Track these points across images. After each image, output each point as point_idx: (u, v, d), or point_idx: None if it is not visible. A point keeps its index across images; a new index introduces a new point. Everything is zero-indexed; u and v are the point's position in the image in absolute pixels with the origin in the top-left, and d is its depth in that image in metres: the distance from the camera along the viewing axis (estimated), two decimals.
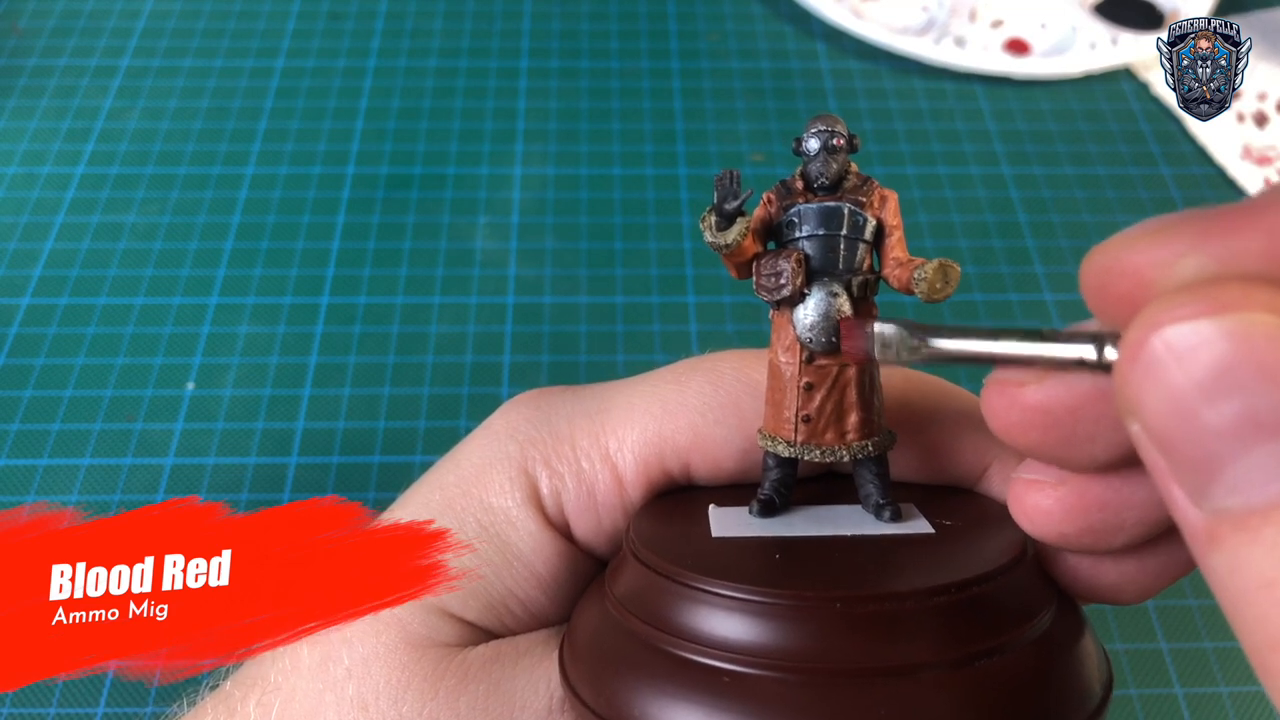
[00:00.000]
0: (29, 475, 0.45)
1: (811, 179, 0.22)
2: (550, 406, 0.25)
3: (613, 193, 0.57)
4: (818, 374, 0.22)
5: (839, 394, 0.22)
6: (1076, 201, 0.58)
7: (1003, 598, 0.20)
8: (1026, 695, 0.19)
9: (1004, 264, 0.54)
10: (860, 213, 0.22)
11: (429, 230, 0.55)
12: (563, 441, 0.24)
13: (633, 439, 0.24)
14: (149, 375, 0.48)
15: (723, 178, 0.21)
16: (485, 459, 0.25)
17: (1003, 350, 0.18)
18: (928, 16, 0.68)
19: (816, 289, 0.22)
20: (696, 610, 0.20)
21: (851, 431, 0.22)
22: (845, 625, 0.19)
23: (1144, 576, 0.21)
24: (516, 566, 0.24)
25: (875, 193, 0.23)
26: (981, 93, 0.64)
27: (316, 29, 0.67)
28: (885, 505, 0.22)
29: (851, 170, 0.23)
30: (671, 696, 0.19)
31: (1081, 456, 0.18)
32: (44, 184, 0.57)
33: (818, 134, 0.22)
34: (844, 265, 0.22)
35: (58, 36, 0.65)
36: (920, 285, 0.22)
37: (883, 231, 0.23)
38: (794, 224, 0.22)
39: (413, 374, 0.49)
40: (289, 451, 0.46)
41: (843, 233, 0.22)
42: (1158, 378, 0.13)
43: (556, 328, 0.51)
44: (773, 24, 0.68)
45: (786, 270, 0.22)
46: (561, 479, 0.24)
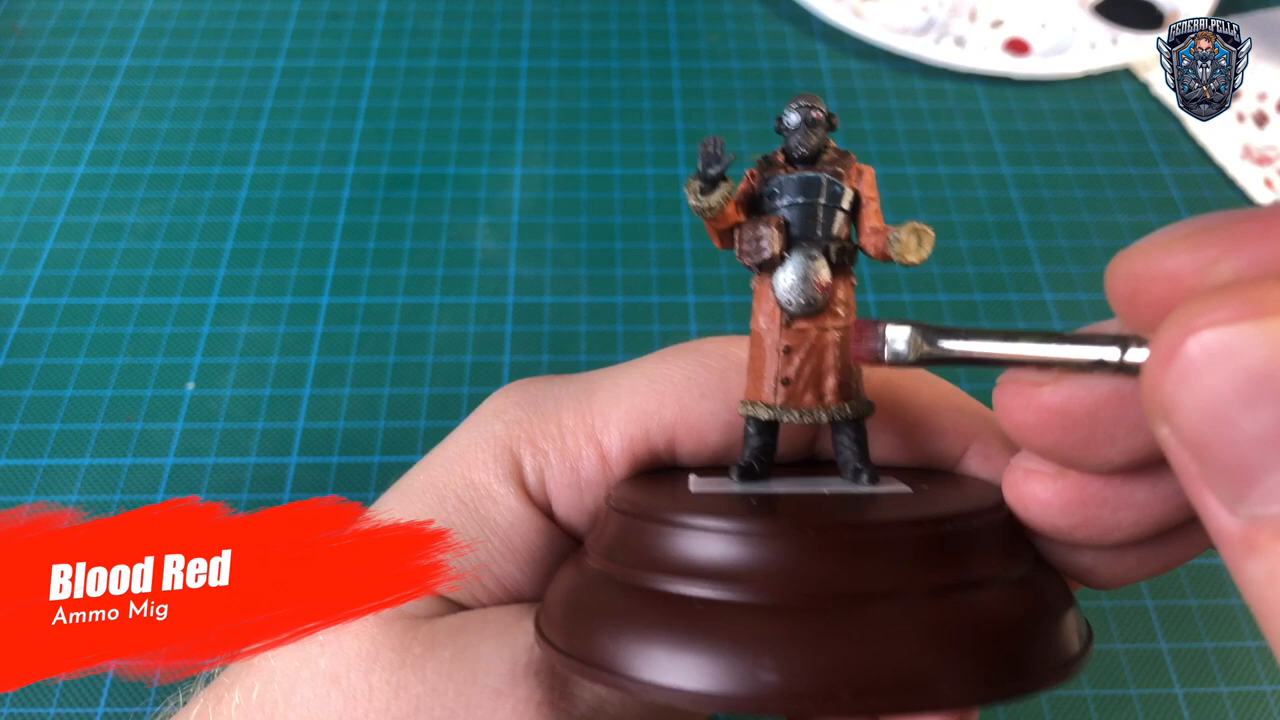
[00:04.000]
0: (29, 475, 0.45)
1: (791, 151, 0.23)
2: (538, 390, 0.26)
3: (613, 193, 0.57)
4: (796, 337, 0.23)
5: (817, 357, 0.23)
6: (1076, 201, 0.58)
7: (978, 539, 0.20)
8: (998, 633, 0.19)
9: (1004, 264, 0.54)
10: (838, 183, 0.23)
11: (429, 230, 0.55)
12: (548, 420, 0.25)
13: (618, 415, 0.24)
14: (149, 375, 0.48)
15: (706, 143, 0.22)
16: (471, 439, 0.25)
17: (1019, 352, 0.18)
18: (928, 16, 0.68)
19: (795, 254, 0.23)
20: (670, 542, 0.20)
21: (829, 394, 0.23)
22: (818, 550, 0.19)
23: (1119, 568, 0.21)
24: (492, 540, 0.24)
25: (853, 166, 0.23)
26: (981, 92, 0.64)
27: (316, 29, 0.67)
28: (862, 469, 0.23)
29: (830, 146, 0.24)
30: (644, 627, 0.19)
31: (1096, 459, 0.18)
32: (44, 184, 0.57)
33: (798, 109, 0.23)
34: (822, 232, 0.23)
35: (58, 36, 0.65)
36: (895, 247, 0.22)
37: (860, 202, 0.23)
38: (775, 194, 0.23)
39: (413, 374, 0.49)
40: (289, 451, 0.46)
41: (821, 201, 0.23)
42: (1193, 382, 0.13)
43: (556, 327, 0.51)
44: (773, 24, 0.68)
45: (767, 235, 0.22)
46: (545, 456, 0.24)
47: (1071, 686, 0.40)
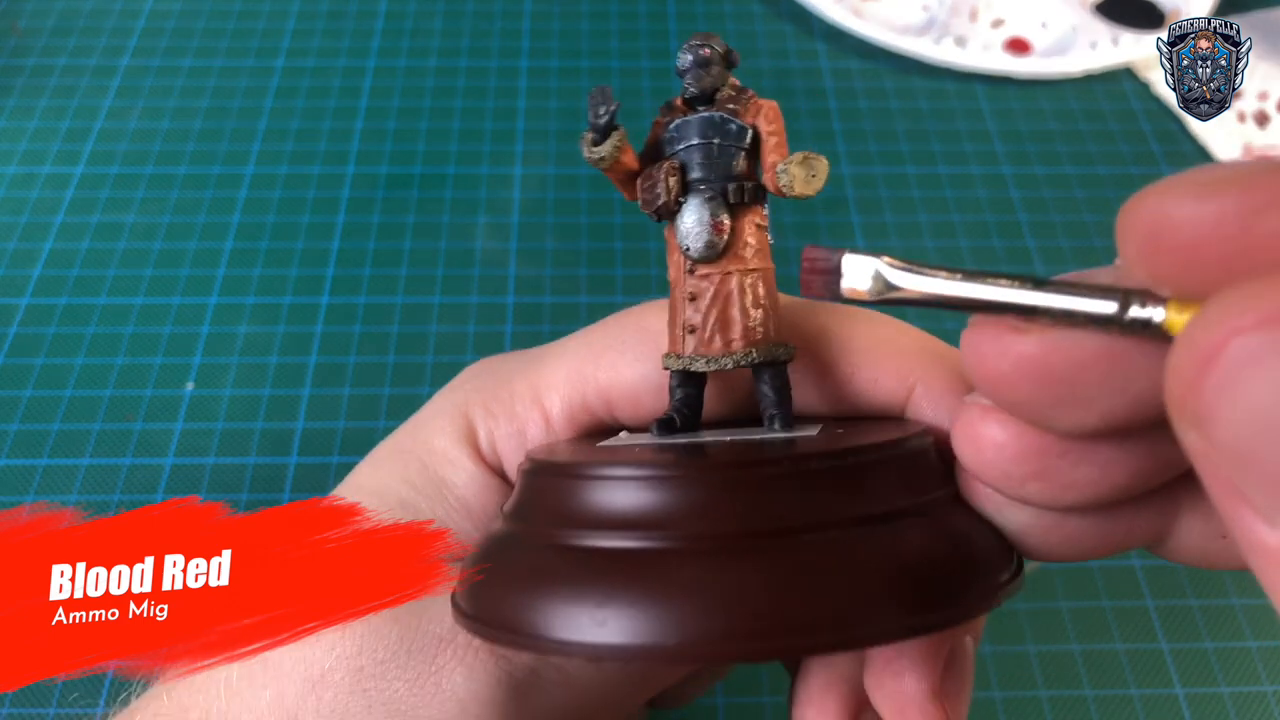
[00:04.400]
0: (29, 475, 0.45)
1: (684, 93, 0.23)
2: (498, 362, 0.27)
3: (613, 192, 0.57)
4: (699, 284, 0.22)
5: (721, 302, 0.22)
6: (1077, 201, 0.58)
7: (889, 470, 0.19)
8: (918, 562, 0.18)
9: (1004, 263, 0.54)
10: (734, 120, 0.23)
11: (429, 230, 0.55)
12: (502, 387, 0.26)
13: (559, 379, 0.25)
14: (149, 375, 0.48)
15: (594, 93, 0.22)
16: (435, 409, 0.26)
17: (1001, 298, 0.16)
18: (928, 16, 0.68)
19: (693, 197, 0.22)
20: (576, 496, 0.19)
21: (737, 339, 0.22)
22: (725, 490, 0.18)
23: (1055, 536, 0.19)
24: (449, 499, 0.25)
25: (751, 102, 0.23)
26: (982, 92, 0.64)
27: (316, 29, 0.67)
28: (776, 415, 0.22)
29: (730, 84, 0.23)
30: (554, 584, 0.18)
31: (1070, 421, 0.16)
32: (44, 184, 0.57)
33: (690, 49, 0.23)
34: (719, 173, 0.22)
35: (57, 36, 0.65)
36: (783, 179, 0.22)
37: (759, 139, 0.23)
38: (674, 139, 0.23)
39: (413, 374, 0.49)
40: (289, 451, 0.46)
41: (716, 140, 0.22)
42: (1239, 390, 0.12)
43: (557, 328, 0.51)
44: (773, 23, 0.68)
45: (660, 180, 0.22)
46: (495, 420, 0.25)
47: (1072, 687, 0.40)
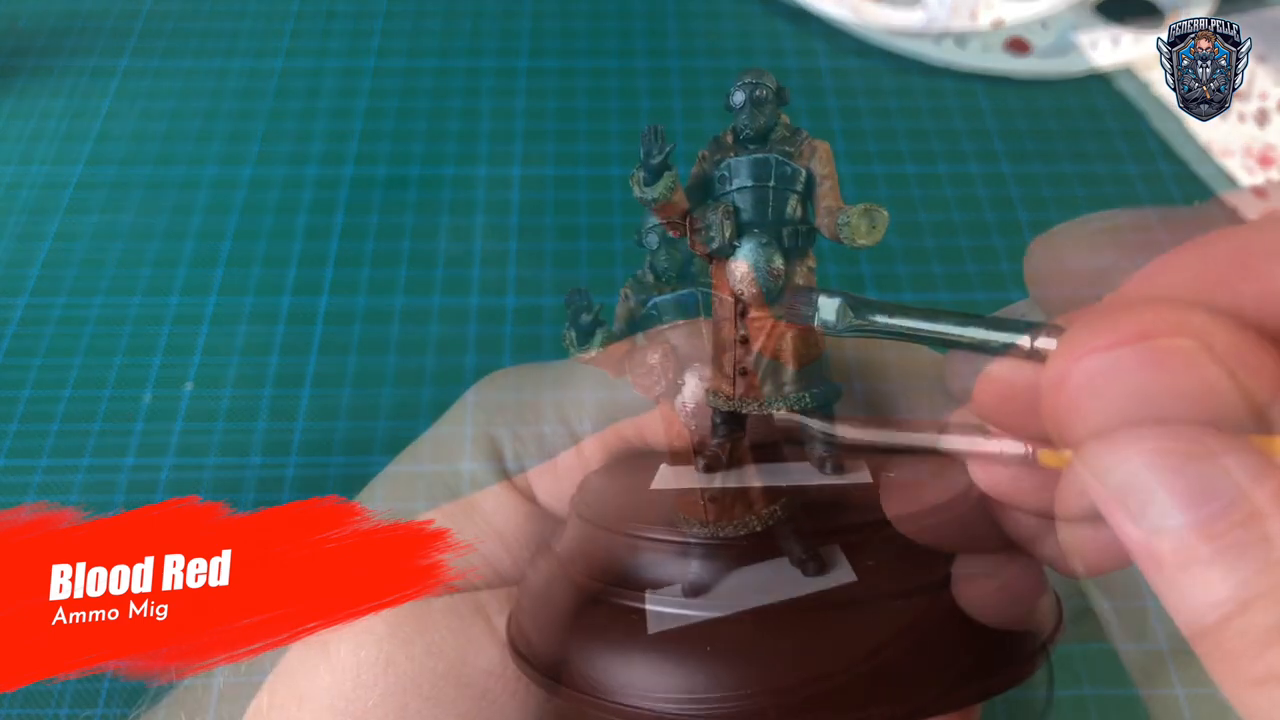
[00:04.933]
0: (29, 475, 0.45)
1: (739, 132, 0.23)
2: (519, 379, 0.27)
3: (612, 193, 0.57)
4: (753, 327, 0.22)
5: (774, 346, 0.22)
6: (1076, 200, 0.58)
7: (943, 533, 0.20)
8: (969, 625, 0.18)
9: (1004, 262, 0.54)
10: (788, 163, 0.22)
11: (428, 231, 0.55)
12: (527, 409, 0.25)
13: (590, 405, 0.25)
14: (148, 376, 0.48)
15: (647, 134, 0.21)
16: (456, 428, 0.26)
17: (938, 329, 0.18)
18: (928, 16, 0.68)
19: (747, 240, 0.22)
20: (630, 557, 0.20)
21: (789, 384, 0.22)
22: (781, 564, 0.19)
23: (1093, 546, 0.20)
24: (478, 522, 0.24)
25: (805, 143, 0.22)
26: (982, 92, 0.64)
27: (314, 29, 0.67)
28: (827, 458, 0.22)
29: (782, 122, 0.23)
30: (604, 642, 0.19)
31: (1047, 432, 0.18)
32: (42, 184, 0.57)
33: (743, 86, 0.22)
34: (774, 216, 0.22)
35: (56, 36, 0.65)
36: (844, 231, 0.21)
37: (813, 182, 0.22)
38: (725, 178, 0.22)
39: (412, 375, 0.49)
40: (288, 452, 0.46)
41: (771, 184, 0.22)
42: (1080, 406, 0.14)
43: (557, 329, 0.50)
44: (772, 23, 0.68)
45: (715, 222, 0.22)
46: (524, 444, 0.25)
47: (1072, 687, 0.40)
